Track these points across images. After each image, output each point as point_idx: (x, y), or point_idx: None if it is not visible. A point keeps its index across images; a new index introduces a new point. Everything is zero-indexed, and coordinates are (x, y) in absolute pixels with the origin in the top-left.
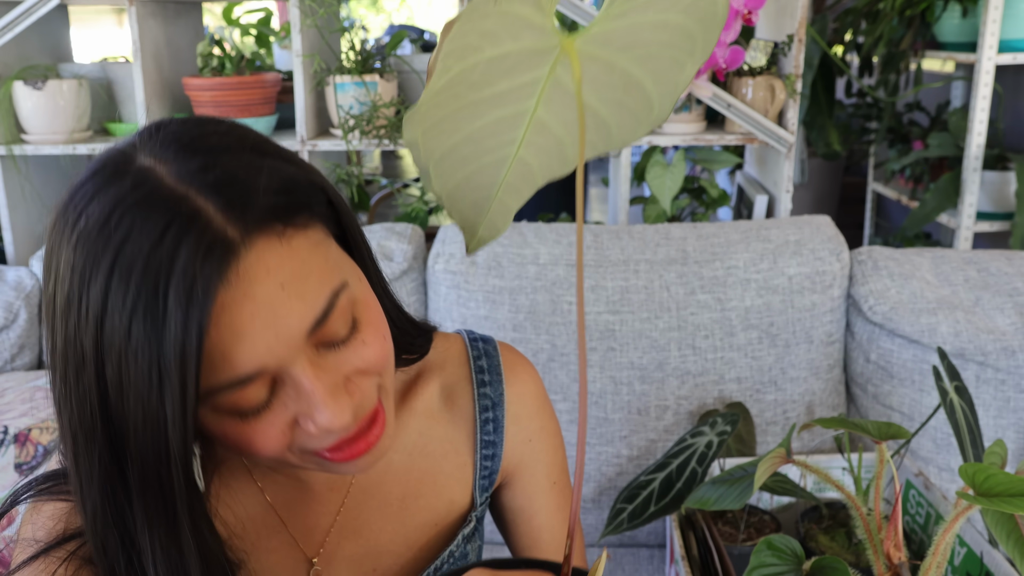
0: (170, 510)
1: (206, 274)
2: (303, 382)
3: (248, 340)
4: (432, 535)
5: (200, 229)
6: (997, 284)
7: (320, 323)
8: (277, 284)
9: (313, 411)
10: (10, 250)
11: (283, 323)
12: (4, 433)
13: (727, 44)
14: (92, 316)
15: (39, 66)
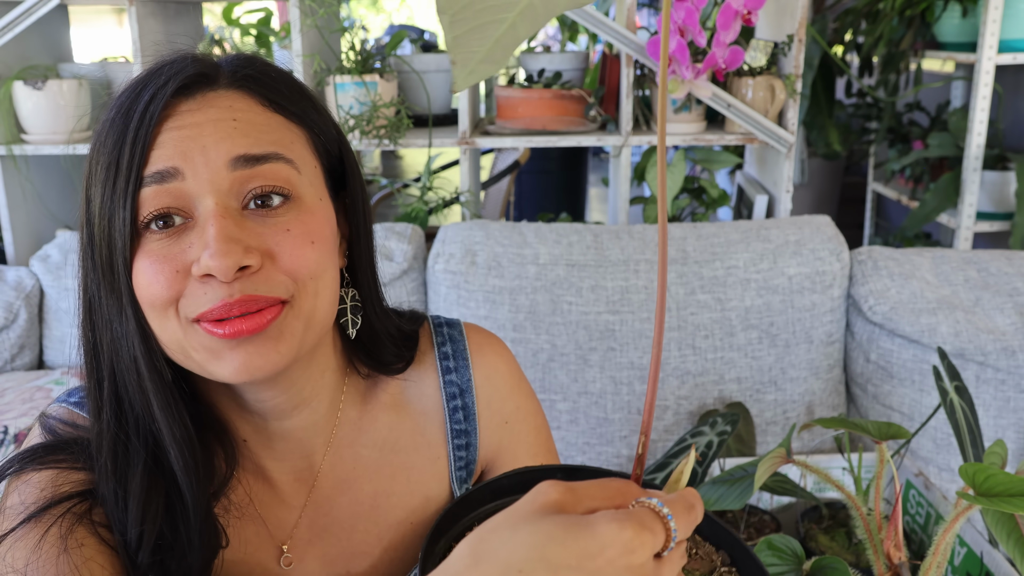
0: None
1: (173, 83)
2: (209, 218)
3: (184, 136)
4: (407, 532)
5: (199, 62)
6: (997, 284)
7: (248, 162)
8: (230, 116)
9: (203, 248)
10: (10, 250)
11: (217, 140)
12: (4, 433)
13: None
14: (100, 120)
15: (39, 66)
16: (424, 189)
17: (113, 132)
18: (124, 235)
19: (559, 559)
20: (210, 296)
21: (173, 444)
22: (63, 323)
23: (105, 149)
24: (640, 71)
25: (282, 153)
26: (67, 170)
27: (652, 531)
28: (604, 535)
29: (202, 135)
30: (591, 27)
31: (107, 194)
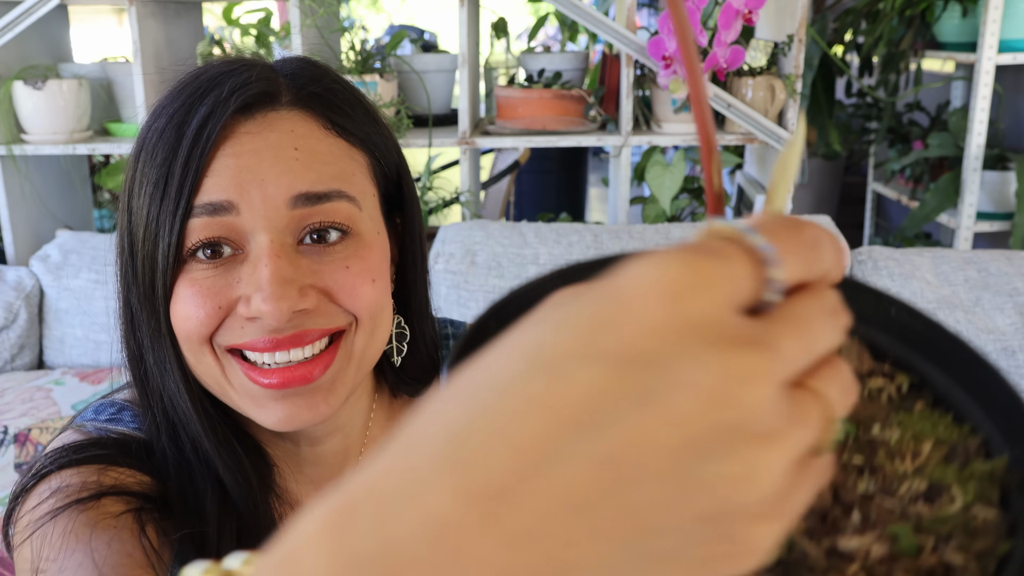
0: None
1: (229, 101)
2: (262, 256)
3: (240, 167)
4: None
5: (246, 78)
6: (997, 284)
7: (310, 201)
8: (291, 144)
9: (254, 290)
10: (10, 250)
11: (277, 175)
12: (4, 433)
13: (727, 44)
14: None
15: (39, 66)
16: (424, 189)
17: (163, 146)
18: (167, 259)
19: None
20: (247, 332)
21: (224, 469)
22: (63, 323)
23: (154, 163)
24: (640, 71)
25: (344, 190)
26: (67, 170)
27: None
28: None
29: (261, 166)
30: (591, 27)
31: (152, 213)
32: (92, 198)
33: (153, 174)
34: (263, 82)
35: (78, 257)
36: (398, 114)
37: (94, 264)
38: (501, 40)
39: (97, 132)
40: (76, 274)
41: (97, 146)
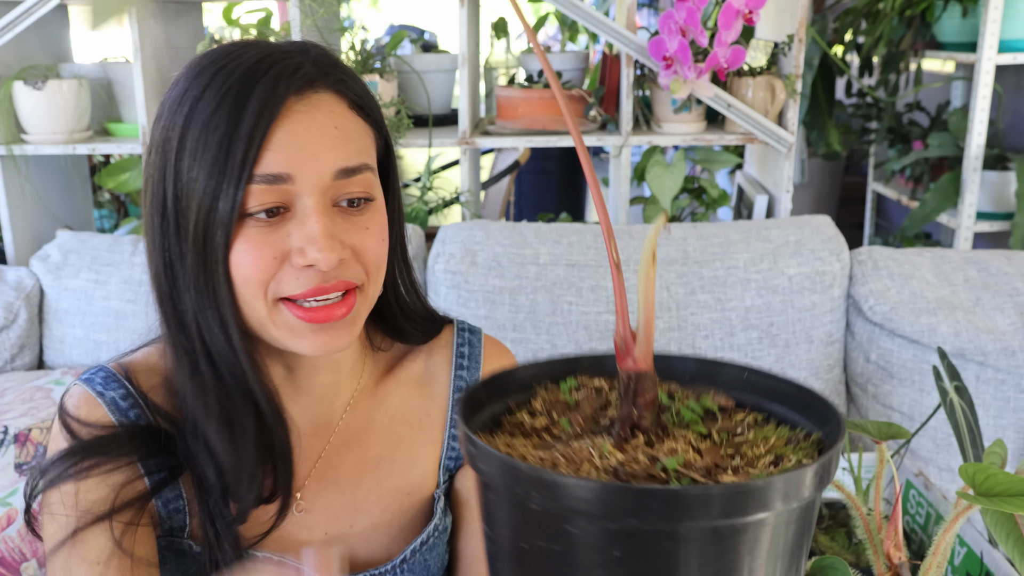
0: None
1: (287, 84)
2: (311, 215)
3: (296, 144)
4: (405, 504)
5: (296, 62)
6: (997, 284)
7: (347, 173)
8: (332, 124)
9: (308, 243)
10: (10, 250)
11: (325, 151)
12: (4, 433)
13: (727, 44)
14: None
15: (39, 66)
16: (424, 189)
17: (223, 118)
18: (229, 221)
19: None
20: (303, 281)
21: (261, 393)
22: (63, 323)
23: (214, 134)
24: (640, 71)
25: (368, 163)
26: (67, 170)
27: None
28: None
29: (312, 144)
30: (591, 27)
31: (212, 180)
32: (92, 198)
33: (213, 145)
34: (310, 67)
35: (78, 257)
36: (398, 114)
37: (94, 264)
38: (501, 40)
39: (97, 132)
40: (76, 274)
41: (97, 146)
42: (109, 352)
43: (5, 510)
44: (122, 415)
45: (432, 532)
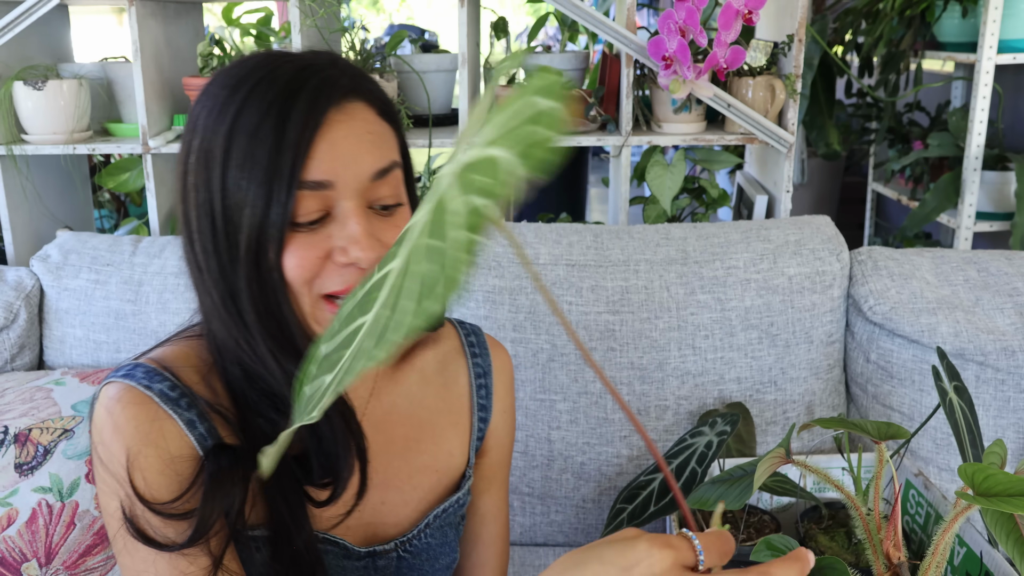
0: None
1: (328, 95)
2: (351, 216)
3: (337, 152)
4: (433, 480)
5: (331, 75)
6: (997, 284)
7: (381, 174)
8: (365, 130)
9: (351, 243)
10: (10, 250)
11: (362, 156)
12: (4, 433)
13: (727, 44)
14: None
15: (39, 66)
16: (424, 189)
17: (269, 132)
18: (282, 227)
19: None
20: (346, 278)
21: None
22: (63, 323)
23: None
24: (640, 71)
25: (397, 160)
26: (67, 170)
27: (676, 548)
28: (640, 550)
29: (350, 151)
30: (591, 27)
31: (262, 191)
32: (92, 198)
33: (262, 156)
34: (346, 79)
35: (78, 257)
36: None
37: (94, 264)
38: (501, 40)
39: (97, 132)
40: (76, 274)
41: (97, 146)
42: (109, 352)
43: (5, 510)
44: (174, 406)
45: (455, 502)
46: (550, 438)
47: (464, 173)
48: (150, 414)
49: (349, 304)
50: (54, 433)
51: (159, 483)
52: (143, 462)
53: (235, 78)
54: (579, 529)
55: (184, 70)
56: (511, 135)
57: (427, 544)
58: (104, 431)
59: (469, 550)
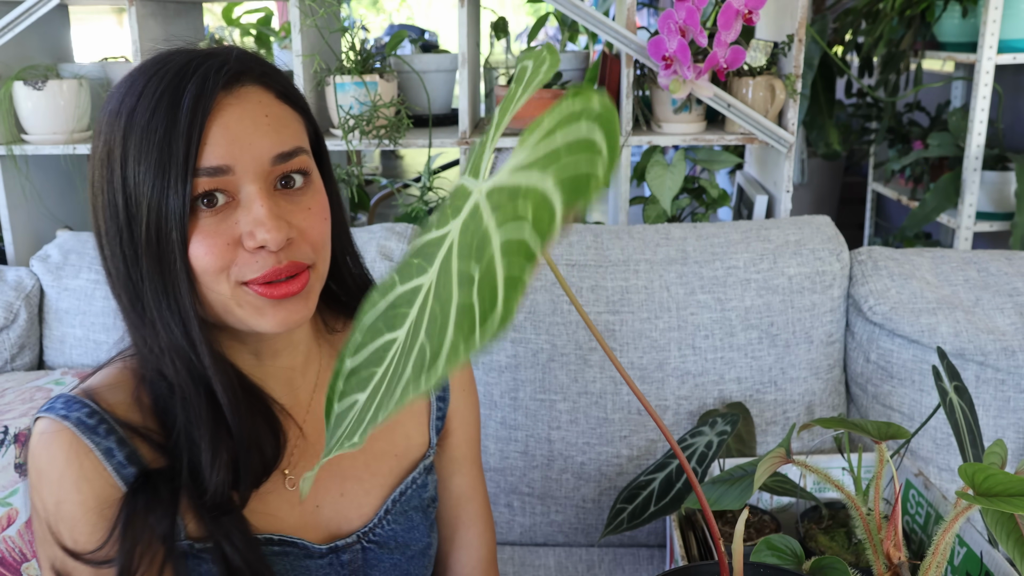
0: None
1: (215, 81)
2: (255, 200)
3: (231, 136)
4: (392, 464)
5: (223, 59)
6: (997, 284)
7: (284, 158)
8: (263, 113)
9: (256, 226)
10: (10, 250)
11: (260, 139)
12: (4, 433)
13: (727, 44)
14: (126, 110)
15: (39, 66)
16: (424, 189)
17: (160, 122)
18: (181, 217)
19: None
20: (261, 264)
21: (220, 383)
22: (63, 323)
23: (152, 138)
24: (640, 71)
25: (302, 145)
26: (67, 170)
27: None
28: None
29: (246, 134)
30: (591, 27)
31: (158, 181)
32: None
33: (155, 148)
34: (236, 63)
35: (78, 257)
36: (398, 114)
37: (94, 264)
38: (501, 40)
39: None
40: (76, 274)
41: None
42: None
43: (5, 510)
44: (91, 434)
45: (411, 483)
46: (550, 438)
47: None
48: (68, 451)
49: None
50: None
51: (84, 531)
52: (66, 510)
53: (132, 78)
54: (579, 529)
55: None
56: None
57: (392, 531)
58: (32, 474)
59: (450, 533)
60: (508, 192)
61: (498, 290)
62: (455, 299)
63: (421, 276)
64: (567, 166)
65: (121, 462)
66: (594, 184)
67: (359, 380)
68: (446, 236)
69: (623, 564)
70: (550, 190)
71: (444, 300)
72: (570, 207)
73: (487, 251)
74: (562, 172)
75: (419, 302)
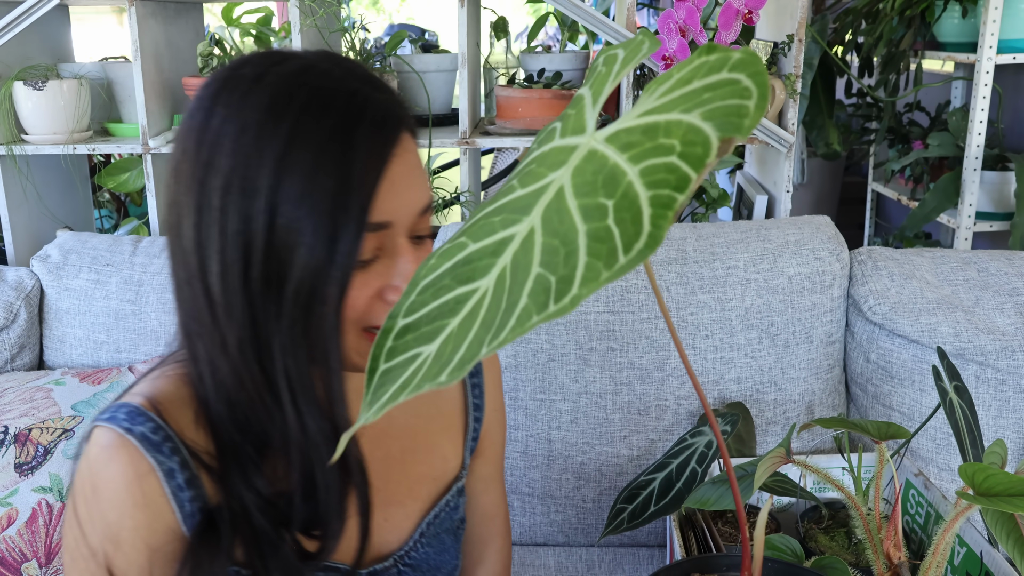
0: (316, 328)
1: (386, 131)
2: (405, 254)
3: (396, 190)
4: (431, 487)
5: (386, 106)
6: (997, 284)
7: (426, 210)
8: (415, 163)
9: (404, 280)
10: (10, 250)
11: (416, 192)
12: (4, 433)
13: (728, 44)
14: (277, 144)
15: (39, 66)
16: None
17: (331, 171)
18: (346, 270)
19: None
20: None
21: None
22: (63, 323)
23: (322, 185)
24: (640, 71)
25: (431, 194)
26: (67, 170)
27: None
28: None
29: (406, 188)
30: (591, 27)
31: (323, 232)
32: (92, 198)
33: (325, 199)
34: (398, 108)
35: (78, 257)
36: None
37: (94, 264)
38: (501, 40)
39: (97, 132)
40: (76, 274)
41: (97, 146)
42: (109, 352)
43: (5, 510)
44: (155, 452)
45: (445, 506)
46: (550, 438)
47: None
48: (128, 468)
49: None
50: (54, 433)
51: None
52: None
53: (270, 98)
54: (579, 529)
55: (184, 70)
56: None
57: (425, 554)
58: (85, 486)
59: (471, 549)
60: (641, 130)
61: (642, 213)
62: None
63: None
64: (712, 102)
65: (180, 485)
66: (747, 116)
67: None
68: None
69: (623, 564)
70: (698, 121)
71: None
72: (724, 138)
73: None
74: (708, 107)
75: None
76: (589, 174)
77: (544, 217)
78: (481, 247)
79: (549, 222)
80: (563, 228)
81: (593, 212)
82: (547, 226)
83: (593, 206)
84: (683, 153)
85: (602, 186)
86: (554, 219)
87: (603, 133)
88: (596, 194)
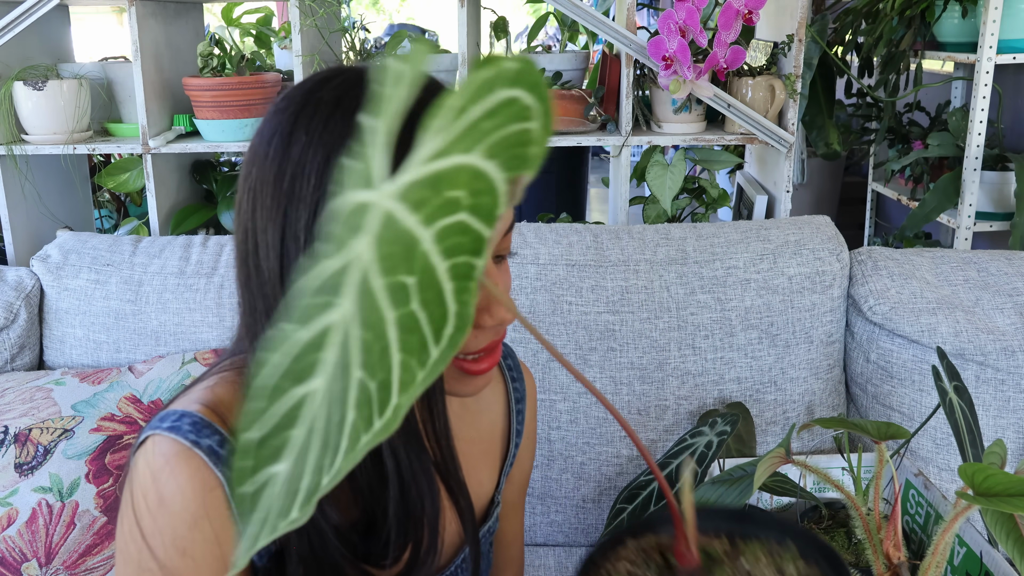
0: None
1: None
2: (492, 275)
3: None
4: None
5: None
6: (997, 284)
7: (511, 228)
8: None
9: (492, 303)
10: (10, 250)
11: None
12: (4, 433)
13: (727, 44)
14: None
15: (39, 66)
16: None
17: None
18: None
19: None
20: (481, 339)
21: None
22: (63, 323)
23: None
24: (640, 71)
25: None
26: (67, 170)
27: None
28: None
29: None
30: (591, 27)
31: None
32: (92, 198)
33: None
34: None
35: (78, 257)
36: None
37: (94, 264)
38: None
39: (97, 132)
40: (76, 274)
41: (97, 146)
42: (109, 352)
43: (5, 510)
44: (223, 465)
45: (486, 532)
46: (550, 438)
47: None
48: (194, 480)
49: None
50: (54, 433)
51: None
52: (196, 549)
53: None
54: (579, 529)
55: (184, 70)
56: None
57: None
58: (149, 498)
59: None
60: (427, 183)
61: (443, 290)
62: (390, 317)
63: (327, 313)
64: (492, 132)
65: None
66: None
67: (270, 451)
68: (351, 262)
69: None
70: (480, 162)
71: (374, 324)
72: (512, 174)
73: (417, 252)
74: (489, 140)
75: (336, 341)
76: (387, 245)
77: (357, 303)
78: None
79: (361, 310)
80: (373, 318)
81: (399, 294)
82: (360, 314)
83: (397, 286)
84: (473, 207)
85: (402, 260)
86: (365, 306)
87: (394, 188)
88: (398, 270)
